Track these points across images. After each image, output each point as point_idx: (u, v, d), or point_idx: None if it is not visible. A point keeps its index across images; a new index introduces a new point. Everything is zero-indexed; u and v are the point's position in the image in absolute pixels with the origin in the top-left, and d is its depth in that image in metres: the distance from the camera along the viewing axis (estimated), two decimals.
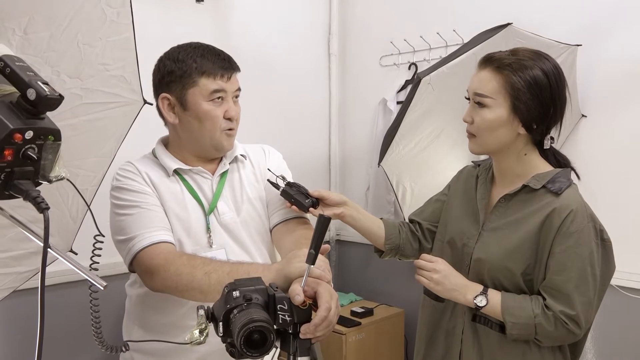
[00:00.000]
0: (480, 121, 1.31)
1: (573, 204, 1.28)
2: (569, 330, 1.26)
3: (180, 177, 1.37)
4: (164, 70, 1.32)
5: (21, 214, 0.94)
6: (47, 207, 0.76)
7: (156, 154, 1.40)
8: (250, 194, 1.41)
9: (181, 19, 2.46)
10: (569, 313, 1.26)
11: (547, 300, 1.28)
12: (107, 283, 0.88)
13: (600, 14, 2.21)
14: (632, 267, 2.15)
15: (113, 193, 1.32)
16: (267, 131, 2.63)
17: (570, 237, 1.26)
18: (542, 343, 1.31)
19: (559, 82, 1.29)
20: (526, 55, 1.29)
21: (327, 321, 0.90)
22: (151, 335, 1.35)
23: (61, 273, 1.85)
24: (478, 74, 1.33)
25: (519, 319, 1.27)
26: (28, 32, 0.94)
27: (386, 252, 1.55)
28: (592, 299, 1.28)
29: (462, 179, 1.54)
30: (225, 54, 1.36)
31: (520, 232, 1.31)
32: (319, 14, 3.13)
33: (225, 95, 1.32)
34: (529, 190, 1.33)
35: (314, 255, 0.91)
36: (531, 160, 1.35)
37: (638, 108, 2.14)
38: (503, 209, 1.37)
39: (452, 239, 1.45)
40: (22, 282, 1.32)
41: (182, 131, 1.35)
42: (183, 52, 1.32)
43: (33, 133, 0.77)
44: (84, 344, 2.02)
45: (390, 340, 2.79)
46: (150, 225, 1.26)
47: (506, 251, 1.32)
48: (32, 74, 0.78)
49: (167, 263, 1.18)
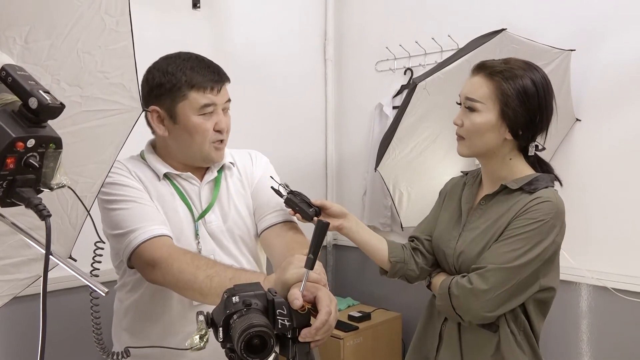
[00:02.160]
0: (470, 124, 1.36)
1: (544, 196, 1.32)
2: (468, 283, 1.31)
3: (170, 181, 1.37)
4: (153, 83, 1.31)
5: (22, 221, 0.94)
6: (49, 214, 0.77)
7: (145, 157, 1.40)
8: (237, 202, 1.42)
9: (178, 25, 2.47)
10: (476, 267, 1.32)
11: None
12: (108, 289, 0.89)
13: (594, 19, 2.23)
14: (626, 269, 2.17)
15: (104, 189, 1.29)
16: (263, 136, 2.64)
17: (527, 220, 1.31)
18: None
19: (547, 92, 1.35)
20: (517, 64, 1.35)
21: (328, 325, 0.91)
22: (138, 341, 1.35)
23: (61, 279, 1.85)
24: (471, 79, 1.39)
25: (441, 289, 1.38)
26: (29, 41, 0.95)
27: (392, 267, 1.52)
28: (503, 277, 1.30)
29: (449, 188, 1.60)
30: (215, 65, 1.35)
31: (494, 229, 1.37)
32: (315, 20, 3.14)
33: (216, 108, 1.32)
34: (507, 191, 1.38)
35: (312, 260, 0.92)
36: (516, 164, 1.40)
37: (632, 112, 2.16)
38: (482, 209, 1.43)
39: (437, 244, 1.51)
40: (22, 289, 1.32)
41: (172, 142, 1.36)
42: (172, 64, 1.31)
43: (35, 141, 0.78)
44: (85, 350, 2.02)
45: (388, 345, 2.80)
46: (149, 219, 1.26)
47: (483, 247, 1.37)
48: (33, 82, 0.79)
49: (170, 258, 1.18)
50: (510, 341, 1.35)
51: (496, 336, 1.36)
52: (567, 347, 2.32)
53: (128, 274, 1.38)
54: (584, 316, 2.30)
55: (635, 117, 2.14)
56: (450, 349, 1.43)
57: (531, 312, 1.37)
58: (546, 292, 1.38)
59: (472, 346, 1.40)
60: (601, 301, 2.26)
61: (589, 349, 2.31)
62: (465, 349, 1.41)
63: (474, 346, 1.40)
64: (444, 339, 1.45)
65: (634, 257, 2.16)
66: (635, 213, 2.16)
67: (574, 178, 2.20)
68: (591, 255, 2.25)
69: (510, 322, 1.36)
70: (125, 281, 1.39)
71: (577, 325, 2.31)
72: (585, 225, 2.23)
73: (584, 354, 2.31)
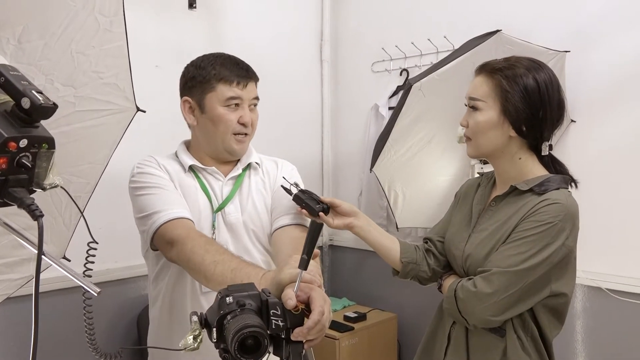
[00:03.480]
0: (474, 124, 1.36)
1: (553, 197, 1.29)
2: (472, 287, 1.29)
3: (195, 174, 1.44)
4: (188, 76, 1.43)
5: (15, 221, 0.94)
6: (42, 214, 0.76)
7: (177, 152, 1.49)
8: (256, 199, 1.47)
9: (174, 25, 2.47)
10: (482, 270, 1.30)
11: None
12: (100, 289, 0.89)
13: (589, 20, 2.24)
14: (621, 270, 2.18)
15: (133, 179, 1.39)
16: (259, 136, 2.62)
17: (534, 222, 1.27)
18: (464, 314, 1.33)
19: (550, 86, 1.32)
20: (519, 61, 1.33)
21: (320, 325, 0.91)
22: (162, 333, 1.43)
23: (55, 280, 1.84)
24: (473, 80, 1.39)
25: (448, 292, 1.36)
26: (22, 41, 0.95)
27: (404, 267, 1.49)
28: (509, 280, 1.26)
29: (463, 190, 1.57)
30: (244, 63, 1.45)
31: (502, 231, 1.34)
32: (311, 21, 3.14)
33: (241, 102, 1.41)
34: (518, 192, 1.35)
35: (306, 260, 0.92)
36: (526, 165, 1.36)
37: (626, 113, 2.16)
38: (493, 211, 1.40)
39: (448, 246, 1.49)
40: (15, 289, 1.32)
41: (199, 132, 1.45)
42: (206, 60, 1.42)
43: (27, 141, 0.78)
44: (78, 351, 2.01)
45: (383, 345, 2.80)
46: (172, 203, 1.33)
47: (490, 249, 1.34)
48: (26, 82, 0.79)
49: (188, 237, 1.24)
50: (517, 347, 1.31)
51: (503, 341, 1.33)
52: (561, 347, 2.32)
53: (152, 263, 1.45)
54: (578, 316, 2.31)
55: (630, 118, 2.15)
56: (457, 352, 1.41)
57: (541, 318, 1.33)
58: (557, 299, 1.33)
59: (479, 350, 1.37)
60: (595, 302, 2.27)
61: (583, 349, 2.31)
62: (472, 352, 1.38)
63: (480, 350, 1.37)
64: (452, 342, 1.43)
65: (628, 258, 2.16)
66: (629, 214, 2.16)
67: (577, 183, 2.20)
68: (586, 256, 2.24)
69: (517, 328, 1.32)
70: (151, 271, 1.47)
71: (572, 325, 2.31)
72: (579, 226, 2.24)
73: (578, 354, 2.32)
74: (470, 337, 1.39)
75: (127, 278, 2.34)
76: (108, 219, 2.01)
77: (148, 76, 1.78)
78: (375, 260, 3.06)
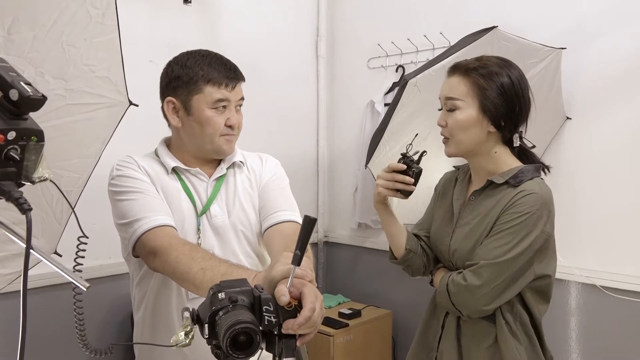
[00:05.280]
0: (453, 123, 1.42)
1: (528, 188, 1.36)
2: (463, 280, 1.36)
3: (178, 176, 1.40)
4: (172, 75, 1.36)
5: (4, 215, 0.93)
6: (30, 208, 0.75)
7: (158, 152, 1.44)
8: (243, 199, 1.44)
9: (168, 21, 2.45)
10: (470, 263, 1.37)
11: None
12: (90, 284, 0.88)
13: (585, 17, 2.24)
14: (615, 267, 2.18)
15: (113, 182, 1.34)
16: (254, 133, 2.61)
17: (513, 214, 1.35)
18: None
19: (522, 83, 1.41)
20: (491, 60, 1.41)
21: (311, 321, 0.90)
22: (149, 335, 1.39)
23: (45, 276, 1.82)
24: (447, 80, 1.45)
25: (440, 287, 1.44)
26: (11, 32, 0.94)
27: (406, 254, 1.56)
28: (498, 271, 1.34)
29: (442, 183, 1.65)
30: (231, 63, 1.39)
31: (484, 225, 1.41)
32: (307, 17, 3.13)
33: (229, 104, 1.36)
34: (494, 186, 1.42)
35: (299, 256, 0.91)
36: (501, 157, 1.44)
37: (622, 110, 2.16)
38: (473, 205, 1.47)
39: (434, 242, 1.57)
40: (5, 285, 1.31)
41: (184, 134, 1.39)
42: (191, 58, 1.36)
43: (16, 134, 0.77)
44: (69, 347, 2.00)
45: (378, 342, 2.80)
46: (154, 210, 1.30)
47: (475, 243, 1.41)
48: (14, 74, 0.78)
49: (170, 247, 1.21)
50: (505, 331, 1.38)
51: (495, 327, 1.40)
52: (555, 344, 2.32)
53: (134, 268, 1.42)
54: (572, 314, 2.31)
55: (625, 115, 2.15)
56: (450, 340, 1.48)
57: (529, 300, 1.41)
58: (542, 280, 1.40)
59: (470, 337, 1.44)
60: (590, 299, 2.27)
61: (577, 346, 2.32)
62: (464, 340, 1.45)
63: (471, 337, 1.44)
64: (445, 330, 1.50)
65: (622, 256, 2.17)
66: (624, 211, 2.17)
67: (563, 176, 2.21)
68: (580, 253, 2.26)
69: (505, 313, 1.39)
70: (134, 275, 1.43)
71: (566, 322, 2.32)
72: (574, 224, 2.24)
73: (572, 351, 2.32)
74: (462, 325, 1.46)
75: (121, 274, 2.32)
76: (101, 214, 1.97)
77: (141, 71, 1.76)
78: (370, 257, 3.08)
